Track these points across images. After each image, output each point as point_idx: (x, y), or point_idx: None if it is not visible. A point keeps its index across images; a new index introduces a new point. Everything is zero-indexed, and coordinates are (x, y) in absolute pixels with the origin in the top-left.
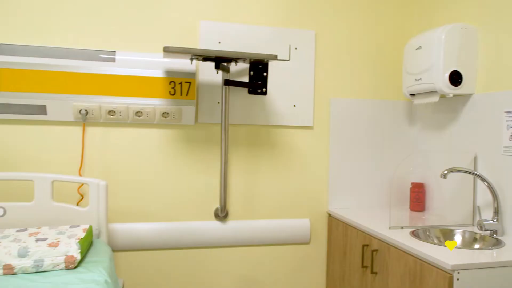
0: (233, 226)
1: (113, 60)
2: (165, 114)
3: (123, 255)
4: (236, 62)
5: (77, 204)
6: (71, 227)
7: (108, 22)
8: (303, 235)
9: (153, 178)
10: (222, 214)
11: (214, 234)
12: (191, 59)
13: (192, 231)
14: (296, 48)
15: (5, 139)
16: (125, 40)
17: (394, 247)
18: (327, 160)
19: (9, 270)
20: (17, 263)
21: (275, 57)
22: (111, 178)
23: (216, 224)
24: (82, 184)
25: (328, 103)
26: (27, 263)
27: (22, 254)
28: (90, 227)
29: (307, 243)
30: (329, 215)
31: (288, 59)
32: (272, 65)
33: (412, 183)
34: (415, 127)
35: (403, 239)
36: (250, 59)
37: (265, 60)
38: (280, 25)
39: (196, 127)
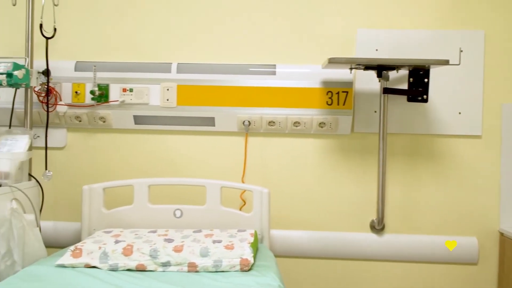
0: (390, 240)
1: (274, 73)
2: (321, 124)
3: (279, 261)
4: (398, 69)
5: (240, 209)
6: (238, 231)
7: (269, 36)
8: (469, 255)
9: (308, 187)
10: (379, 227)
11: (369, 246)
12: (351, 68)
13: (346, 242)
14: (461, 51)
15: (179, 147)
16: (284, 53)
17: None
18: (498, 172)
19: (193, 268)
20: (200, 261)
21: (445, 62)
22: (268, 185)
23: (372, 236)
24: (245, 191)
25: (499, 109)
26: (208, 262)
27: (204, 254)
28: (255, 232)
29: (474, 264)
30: (502, 234)
31: (458, 63)
32: (432, 71)
33: None
34: None
35: None
36: (410, 66)
37: (427, 66)
38: (441, 27)
39: (352, 137)
